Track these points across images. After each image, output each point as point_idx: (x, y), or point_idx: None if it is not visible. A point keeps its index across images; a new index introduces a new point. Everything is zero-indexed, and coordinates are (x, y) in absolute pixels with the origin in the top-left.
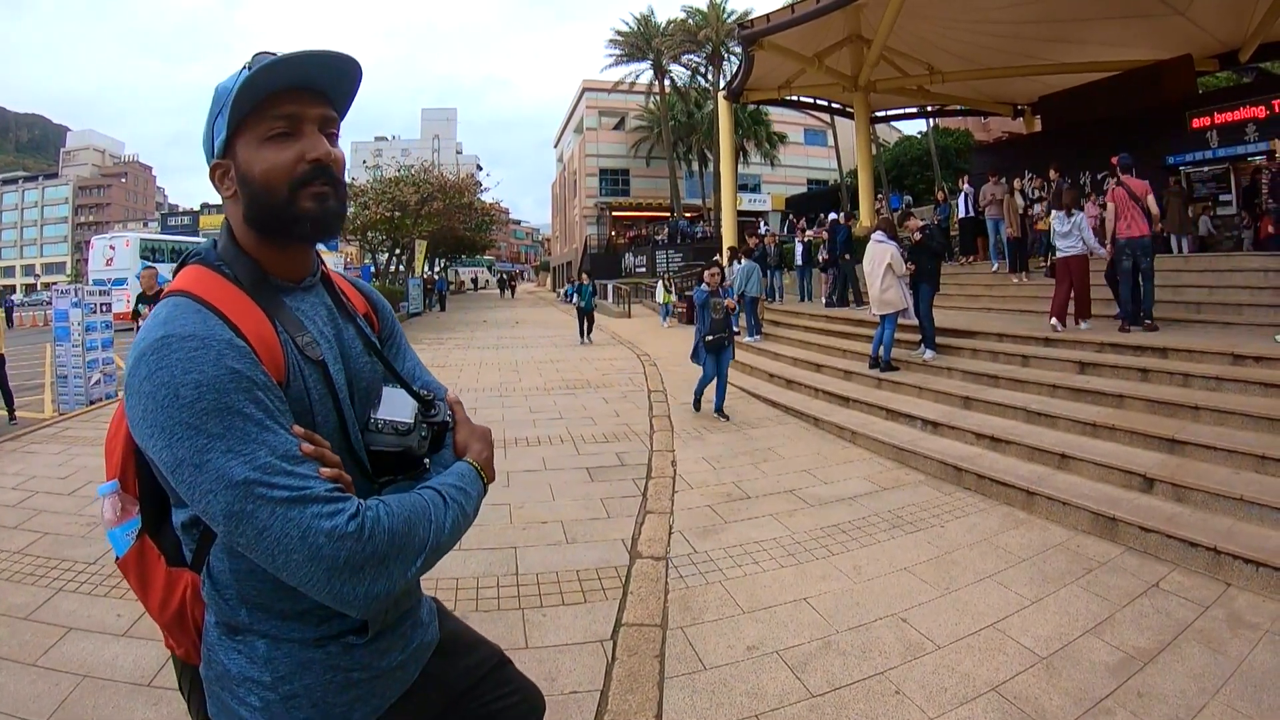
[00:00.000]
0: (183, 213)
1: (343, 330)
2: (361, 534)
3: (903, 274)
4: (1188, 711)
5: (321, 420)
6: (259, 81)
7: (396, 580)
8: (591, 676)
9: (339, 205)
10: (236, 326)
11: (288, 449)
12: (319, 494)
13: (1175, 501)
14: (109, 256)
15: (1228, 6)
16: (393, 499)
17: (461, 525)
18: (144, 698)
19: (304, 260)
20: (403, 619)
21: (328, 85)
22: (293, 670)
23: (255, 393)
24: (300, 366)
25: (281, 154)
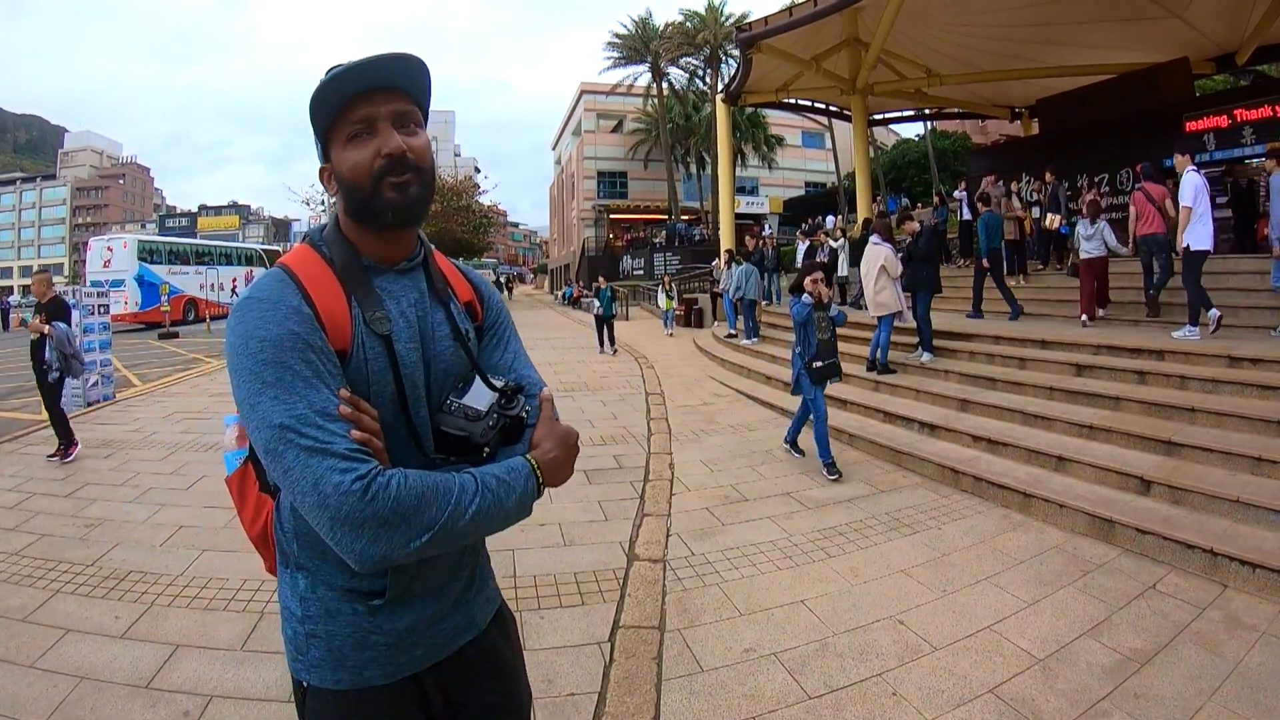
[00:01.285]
0: (180, 214)
1: (429, 313)
2: (365, 494)
3: (897, 276)
4: (1184, 713)
5: (378, 389)
6: (329, 94)
7: (397, 547)
8: (589, 678)
9: (421, 190)
10: (310, 296)
11: (325, 406)
12: (338, 450)
13: (1172, 503)
14: (107, 258)
15: (1225, 10)
16: (415, 473)
17: (494, 515)
18: (142, 699)
19: (399, 246)
20: (437, 596)
21: (397, 82)
22: (320, 612)
23: (308, 354)
24: (364, 338)
25: (361, 152)
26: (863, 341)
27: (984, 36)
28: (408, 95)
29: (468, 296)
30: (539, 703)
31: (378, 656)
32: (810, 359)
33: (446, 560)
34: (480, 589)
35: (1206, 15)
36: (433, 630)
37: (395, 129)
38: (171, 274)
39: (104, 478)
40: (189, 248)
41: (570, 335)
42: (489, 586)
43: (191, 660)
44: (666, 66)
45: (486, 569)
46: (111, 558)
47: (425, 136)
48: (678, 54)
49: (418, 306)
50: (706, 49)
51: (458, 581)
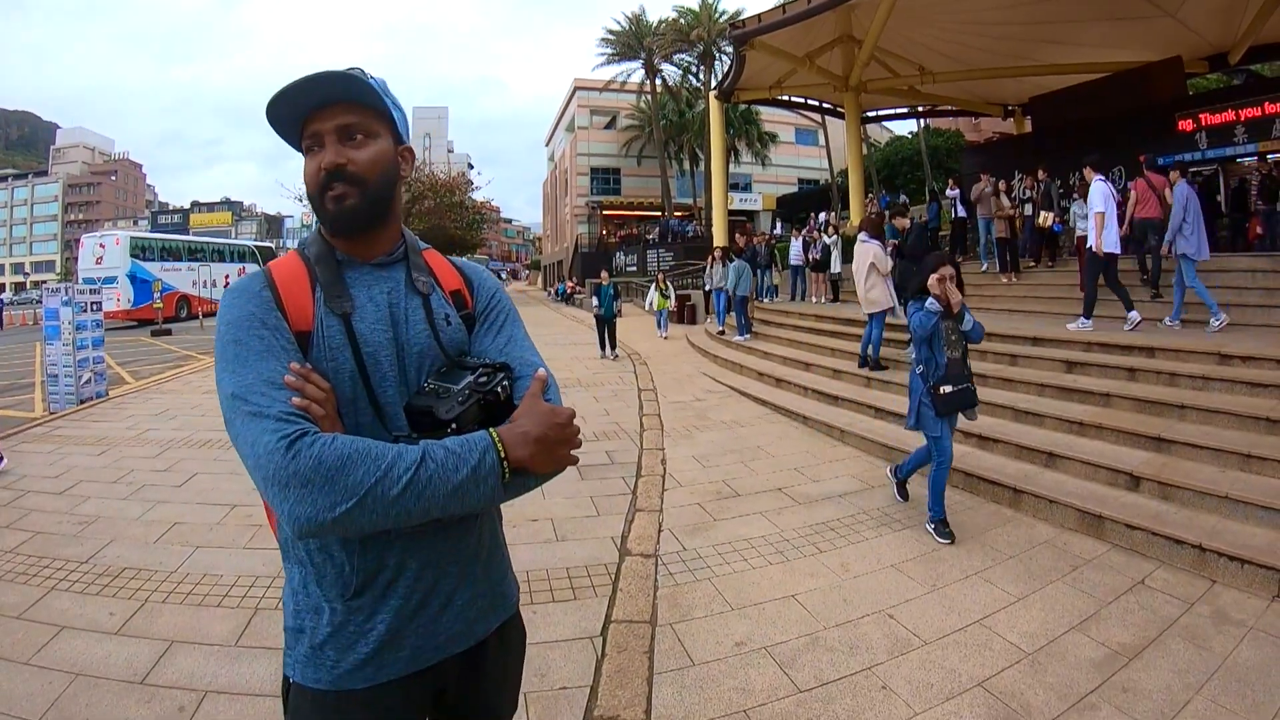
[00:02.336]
0: (173, 210)
1: (404, 300)
2: (288, 452)
3: (886, 273)
4: (1172, 707)
5: (335, 365)
6: (282, 115)
7: (321, 509)
8: (581, 672)
9: (360, 203)
10: (275, 284)
11: (272, 375)
12: (273, 413)
13: (1161, 499)
14: (99, 255)
15: (1217, 9)
16: (346, 438)
17: (438, 488)
18: (136, 695)
19: (370, 244)
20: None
21: (340, 97)
22: (308, 608)
23: (261, 330)
24: (324, 318)
25: (309, 166)
26: (853, 339)
27: (977, 34)
28: (356, 107)
29: (455, 285)
30: (531, 696)
31: (359, 660)
32: (937, 382)
33: (428, 552)
34: (481, 595)
35: (1199, 14)
36: (419, 633)
37: (340, 142)
38: (164, 271)
39: (97, 475)
40: (181, 244)
41: (563, 332)
42: (496, 594)
43: (186, 656)
44: (660, 63)
45: (495, 572)
46: (105, 555)
47: (377, 146)
48: (671, 50)
49: (391, 294)
50: (700, 45)
51: (447, 580)
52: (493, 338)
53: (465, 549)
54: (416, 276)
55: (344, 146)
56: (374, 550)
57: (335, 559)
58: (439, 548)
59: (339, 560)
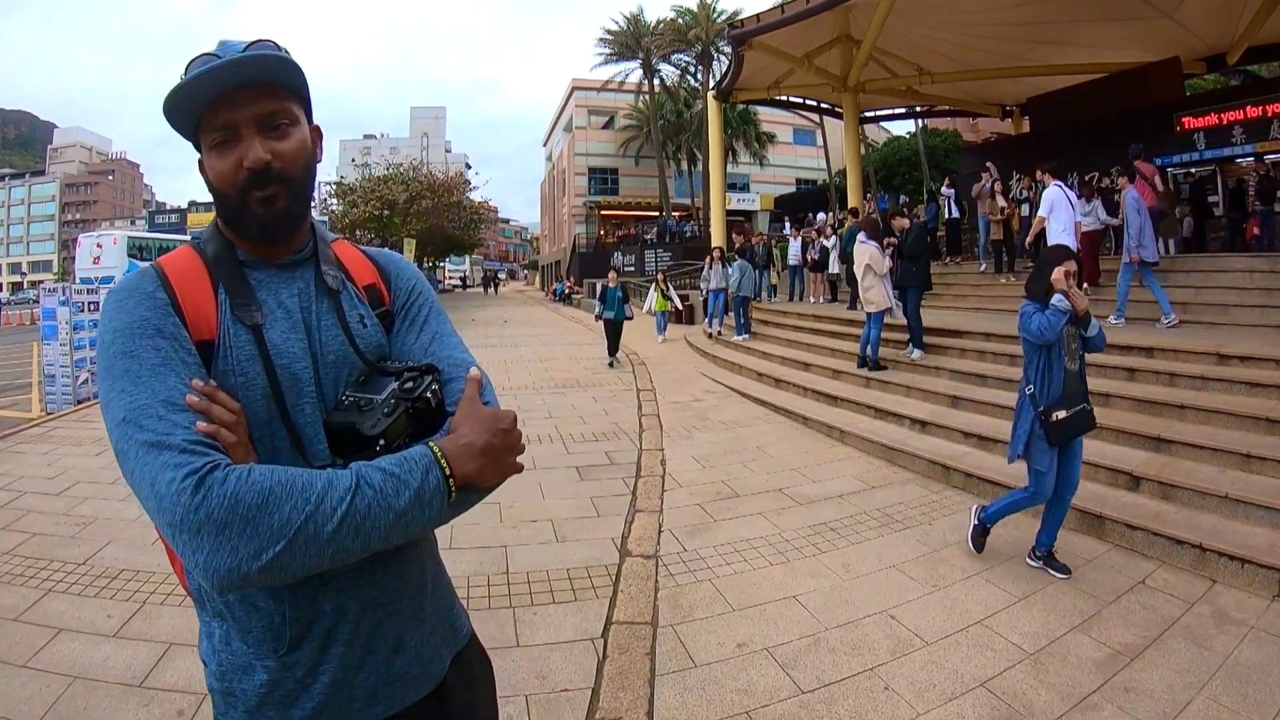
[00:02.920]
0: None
1: (314, 303)
2: (197, 492)
3: (883, 273)
4: (1174, 707)
5: (246, 382)
6: (181, 100)
7: (245, 559)
8: (583, 674)
9: (290, 203)
10: (170, 284)
11: (170, 395)
12: (175, 442)
13: (1161, 499)
14: (96, 254)
15: (1215, 10)
16: (264, 468)
17: (379, 518)
18: (135, 698)
19: (275, 247)
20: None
21: (260, 78)
22: (235, 668)
23: (157, 339)
24: (230, 327)
25: (224, 162)
26: (852, 339)
27: (976, 35)
28: (276, 89)
29: (369, 279)
30: (532, 699)
31: (307, 717)
32: (1051, 405)
33: (369, 591)
34: (432, 631)
35: (1197, 15)
36: (370, 683)
37: (260, 133)
38: None
39: (95, 476)
40: (179, 244)
41: (561, 332)
42: (447, 626)
43: (184, 659)
44: (658, 63)
45: (443, 602)
46: (103, 556)
47: (300, 134)
48: (669, 50)
49: (301, 296)
50: (698, 46)
51: (394, 620)
52: (415, 336)
53: (410, 582)
54: (326, 271)
55: (265, 138)
56: (306, 595)
57: (261, 609)
58: (381, 584)
59: (266, 611)
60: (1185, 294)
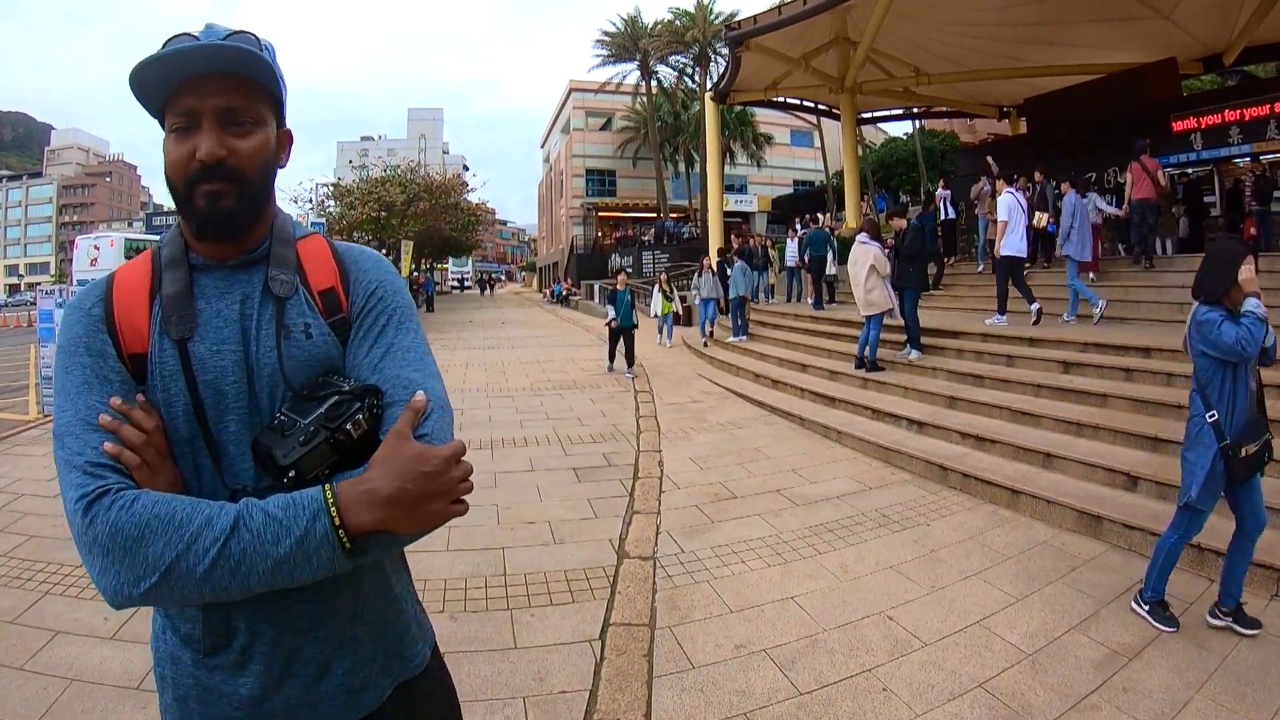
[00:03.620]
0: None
1: (257, 311)
2: (85, 515)
3: (886, 274)
4: (1173, 706)
5: (168, 398)
6: (148, 78)
7: (126, 584)
8: (581, 676)
9: (237, 204)
10: (111, 299)
11: (87, 414)
12: (79, 464)
13: (1159, 499)
14: (93, 256)
15: (1212, 10)
16: (154, 496)
17: (255, 563)
18: (132, 701)
19: (223, 247)
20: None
21: (229, 67)
22: (166, 656)
23: (85, 356)
24: (158, 341)
25: (179, 150)
26: (849, 340)
27: (972, 36)
28: (246, 85)
29: (328, 283)
30: (530, 701)
31: (225, 717)
32: (1238, 437)
33: (285, 616)
34: (366, 660)
35: (1194, 16)
36: (292, 702)
37: (220, 126)
38: None
39: None
40: None
41: (558, 333)
42: (390, 655)
43: None
44: (655, 64)
45: (388, 632)
46: None
47: (262, 136)
48: (667, 52)
49: (245, 303)
50: (695, 47)
51: (316, 646)
52: (367, 349)
53: (337, 611)
54: (274, 275)
55: (225, 134)
56: (219, 612)
57: (185, 612)
58: (298, 610)
59: (190, 614)
60: (1183, 294)
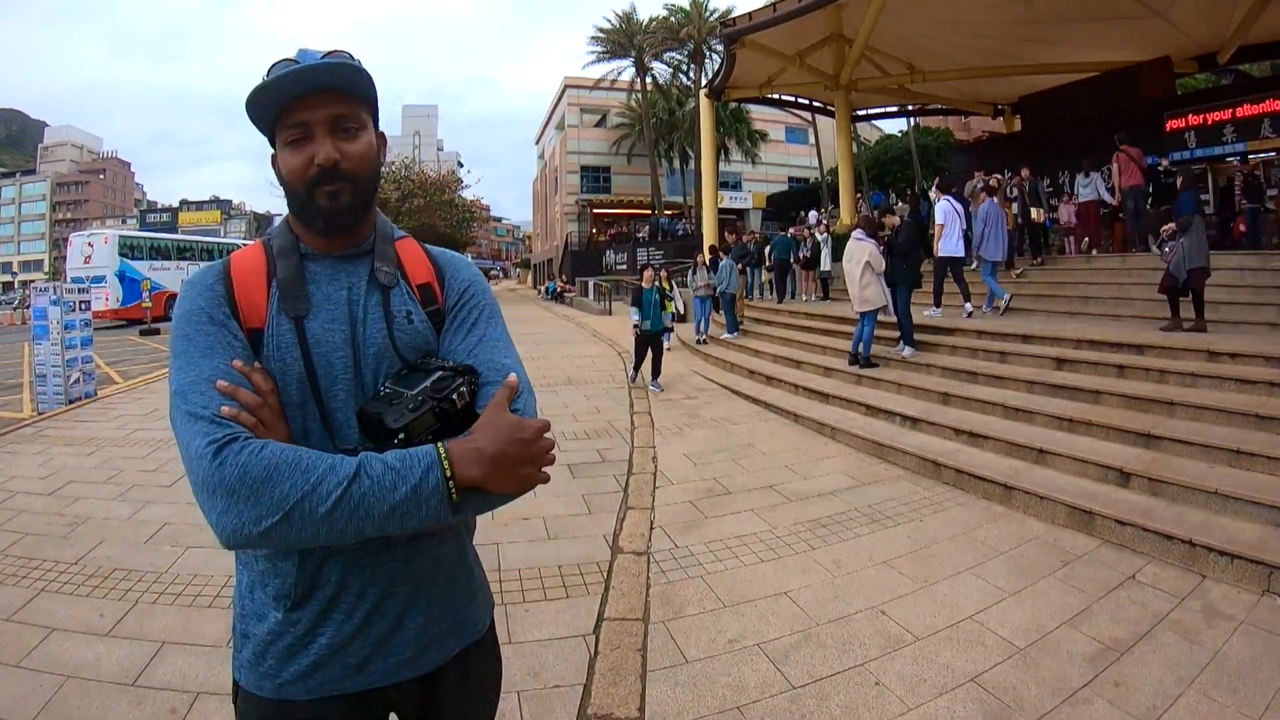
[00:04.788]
0: (161, 209)
1: (365, 297)
2: (215, 459)
3: (881, 271)
4: (1164, 701)
5: (283, 368)
6: (260, 100)
7: (247, 523)
8: (575, 670)
9: (353, 200)
10: (230, 278)
11: (212, 374)
12: (205, 414)
13: (1151, 495)
14: (87, 254)
15: (1206, 9)
16: (280, 445)
17: (373, 507)
18: (129, 697)
19: (336, 240)
20: (367, 614)
21: (335, 84)
22: (252, 613)
23: (207, 325)
24: (275, 317)
25: (296, 158)
26: (844, 337)
27: (967, 34)
28: (348, 95)
29: (425, 279)
30: (524, 695)
31: (299, 672)
32: None
33: (372, 571)
34: (436, 620)
35: (1189, 15)
36: (364, 653)
37: (332, 134)
38: (153, 270)
39: (87, 475)
40: (170, 243)
41: (553, 329)
42: (459, 619)
43: (177, 657)
44: (650, 61)
45: (459, 596)
46: (95, 556)
47: (367, 138)
48: (662, 49)
49: (352, 290)
50: (690, 44)
51: (394, 601)
52: (462, 337)
53: (418, 570)
54: (379, 268)
55: (337, 139)
56: (313, 563)
57: (279, 568)
58: (386, 567)
59: (283, 569)
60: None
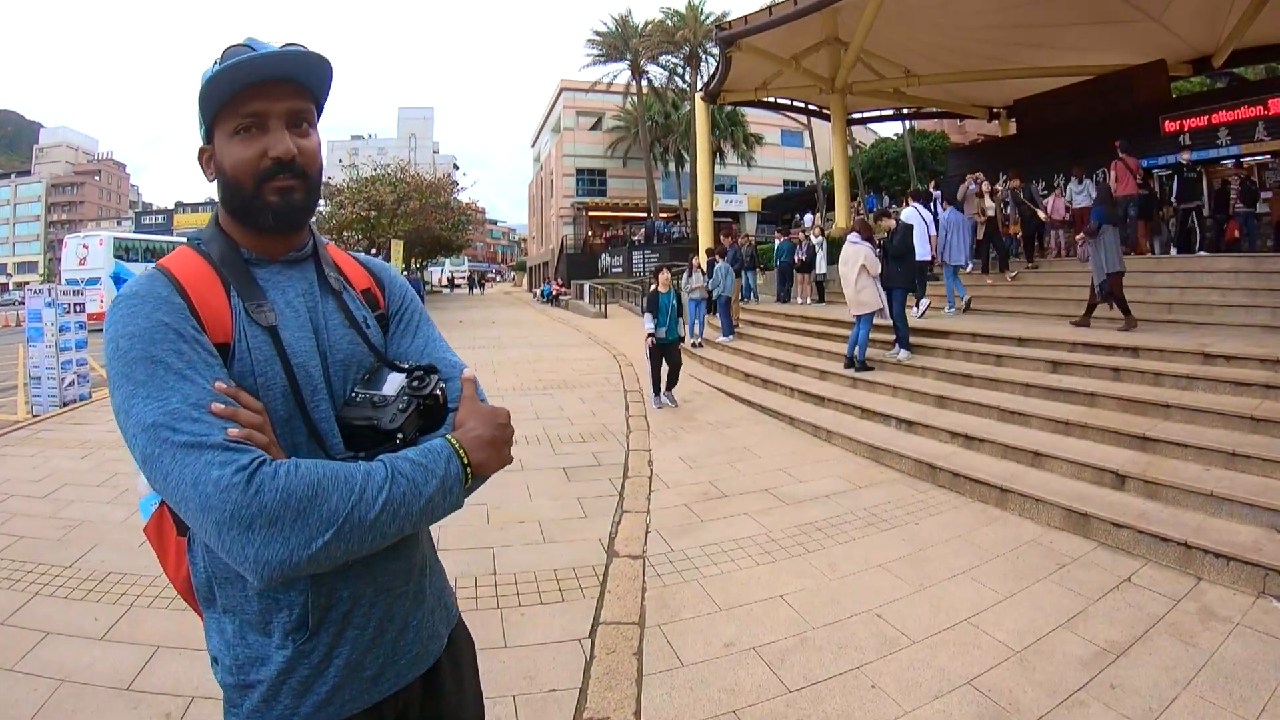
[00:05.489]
0: (157, 211)
1: (320, 303)
2: (249, 486)
3: (877, 274)
4: (1160, 703)
5: (266, 382)
6: (223, 81)
7: (296, 549)
8: (570, 674)
9: (305, 198)
10: (183, 288)
11: (200, 398)
12: (216, 441)
13: (1147, 498)
14: (82, 255)
15: (1201, 13)
16: (309, 461)
17: (411, 505)
18: (123, 701)
19: (280, 242)
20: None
21: (297, 76)
22: (250, 660)
23: (179, 344)
24: (246, 329)
25: (247, 150)
26: (839, 340)
27: (963, 37)
28: (306, 91)
29: (365, 284)
30: (520, 699)
31: (319, 701)
32: None
33: (381, 576)
34: (430, 610)
35: (1183, 19)
36: (379, 662)
37: (288, 129)
38: None
39: (82, 478)
40: (165, 245)
41: (549, 333)
42: (442, 605)
43: (172, 661)
44: (646, 64)
45: (439, 582)
46: (90, 559)
47: (317, 137)
48: (657, 52)
49: (306, 296)
50: (686, 47)
51: (400, 602)
52: (410, 339)
53: (413, 566)
54: (329, 274)
55: (292, 134)
56: (327, 584)
57: (284, 599)
58: (391, 569)
59: (289, 600)
60: (1170, 294)
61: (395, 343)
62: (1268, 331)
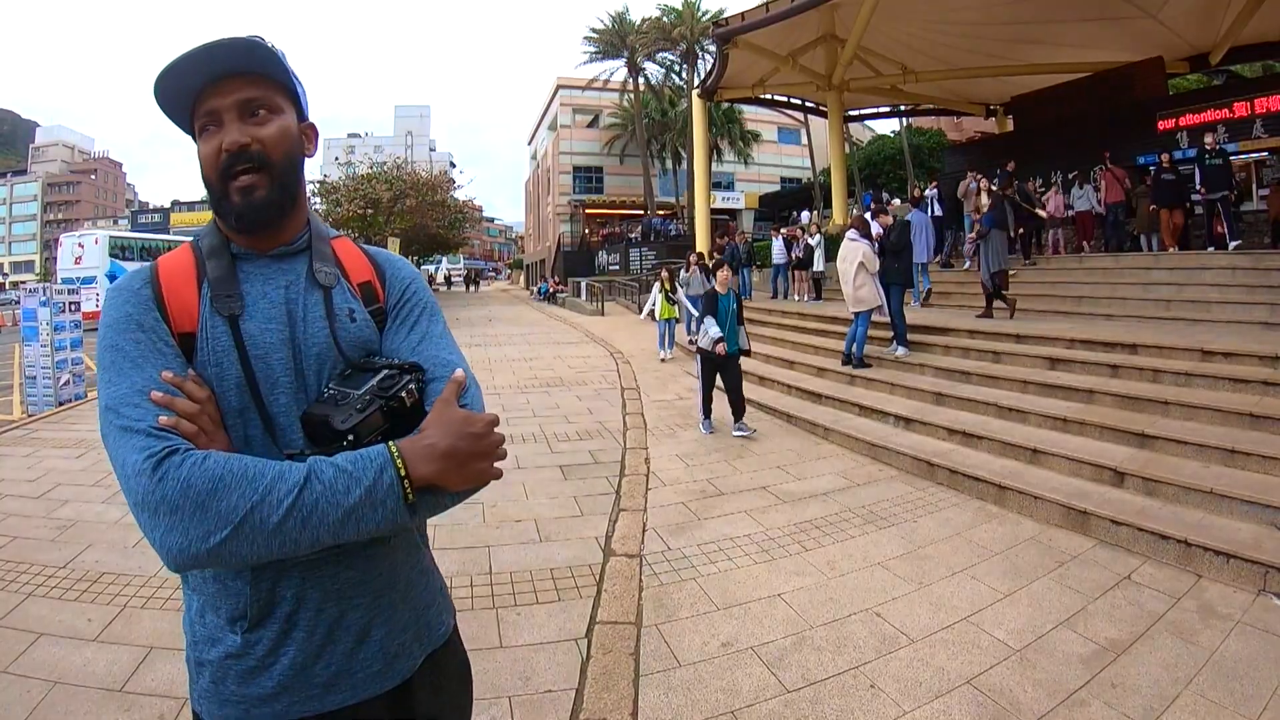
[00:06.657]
0: (153, 210)
1: (303, 296)
2: (154, 474)
3: (875, 271)
4: (1161, 701)
5: (220, 372)
6: (171, 91)
7: (195, 541)
8: (567, 675)
9: (269, 194)
10: (158, 281)
11: (146, 385)
12: (141, 428)
13: (1146, 495)
14: (78, 255)
15: (1198, 10)
16: (224, 455)
17: (327, 513)
18: (116, 703)
19: (270, 236)
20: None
21: (241, 67)
22: (205, 639)
23: (137, 333)
24: (209, 319)
25: (206, 147)
26: (837, 337)
27: (960, 34)
28: (259, 78)
29: (364, 277)
30: (515, 700)
31: (263, 695)
32: None
33: (330, 582)
34: (401, 629)
35: (1181, 16)
36: (331, 670)
37: (241, 119)
38: None
39: (76, 478)
40: (162, 244)
41: (546, 330)
42: (420, 624)
43: (165, 663)
44: (643, 61)
45: (418, 601)
46: (84, 559)
47: (282, 121)
48: (654, 49)
49: (288, 289)
50: (683, 44)
51: (356, 613)
52: (404, 335)
53: (375, 579)
54: (318, 268)
55: (246, 124)
56: (267, 580)
57: (230, 588)
58: (342, 577)
59: (233, 589)
60: (1168, 291)
61: (389, 338)
62: (1266, 328)
